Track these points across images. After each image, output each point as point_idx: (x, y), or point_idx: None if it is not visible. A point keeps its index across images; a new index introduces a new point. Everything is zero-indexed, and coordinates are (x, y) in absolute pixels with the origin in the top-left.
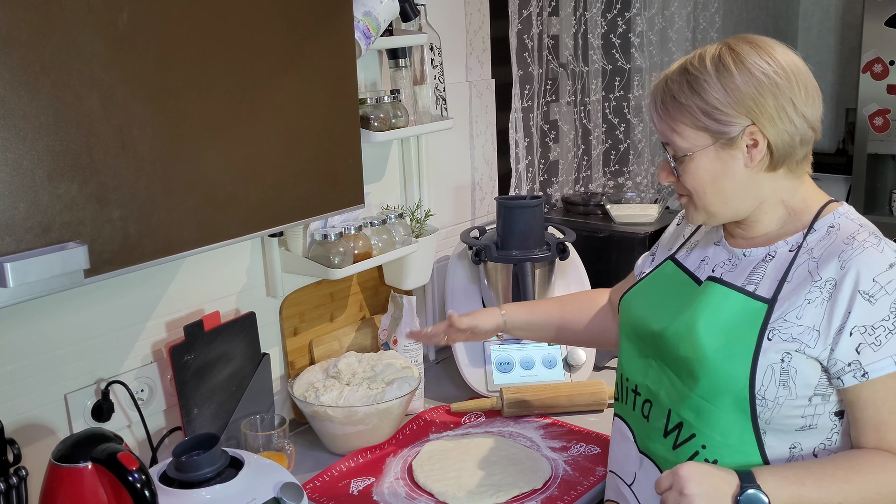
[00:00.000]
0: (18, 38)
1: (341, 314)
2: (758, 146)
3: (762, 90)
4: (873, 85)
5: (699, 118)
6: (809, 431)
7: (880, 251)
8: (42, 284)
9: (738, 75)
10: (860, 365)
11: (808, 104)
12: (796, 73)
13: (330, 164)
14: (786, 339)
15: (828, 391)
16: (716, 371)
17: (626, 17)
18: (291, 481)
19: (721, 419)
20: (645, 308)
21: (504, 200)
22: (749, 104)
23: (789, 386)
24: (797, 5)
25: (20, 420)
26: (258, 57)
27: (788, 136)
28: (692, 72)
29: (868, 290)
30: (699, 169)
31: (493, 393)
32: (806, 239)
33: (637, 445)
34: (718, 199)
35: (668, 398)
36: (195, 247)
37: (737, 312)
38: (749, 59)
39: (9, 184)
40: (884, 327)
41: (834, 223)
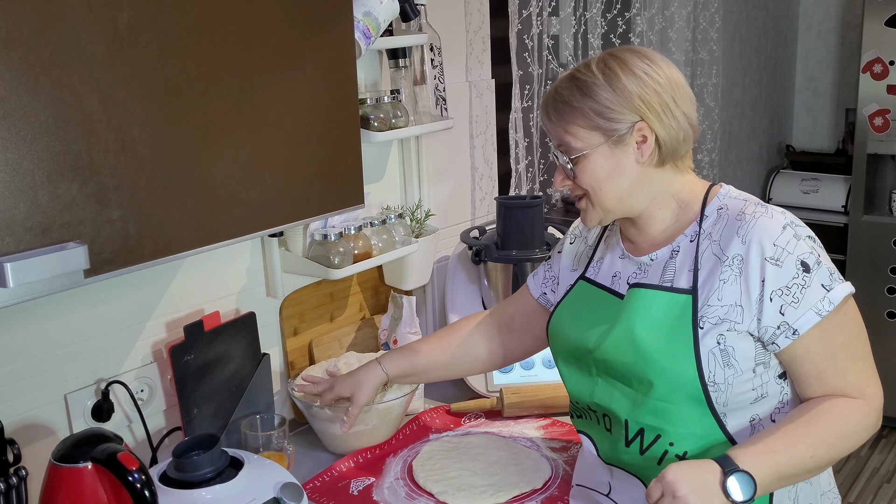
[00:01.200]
0: (18, 38)
1: (341, 314)
2: (647, 142)
3: (646, 88)
4: (873, 85)
5: (591, 118)
6: (763, 400)
7: (770, 217)
8: (42, 284)
9: (624, 76)
10: (788, 325)
11: (685, 102)
12: (672, 73)
13: (330, 164)
14: (715, 322)
15: (766, 358)
16: (665, 370)
17: (626, 18)
18: (291, 481)
19: (681, 414)
20: (575, 329)
21: (504, 200)
22: (636, 102)
23: (732, 364)
24: (797, 5)
25: (20, 420)
26: (258, 57)
27: (674, 130)
28: (581, 77)
29: (773, 256)
30: (595, 167)
31: (493, 393)
32: (701, 226)
33: (601, 458)
34: (614, 196)
35: (621, 409)
36: (195, 247)
37: (666, 309)
38: (631, 63)
39: (9, 184)
40: (796, 284)
41: (721, 204)
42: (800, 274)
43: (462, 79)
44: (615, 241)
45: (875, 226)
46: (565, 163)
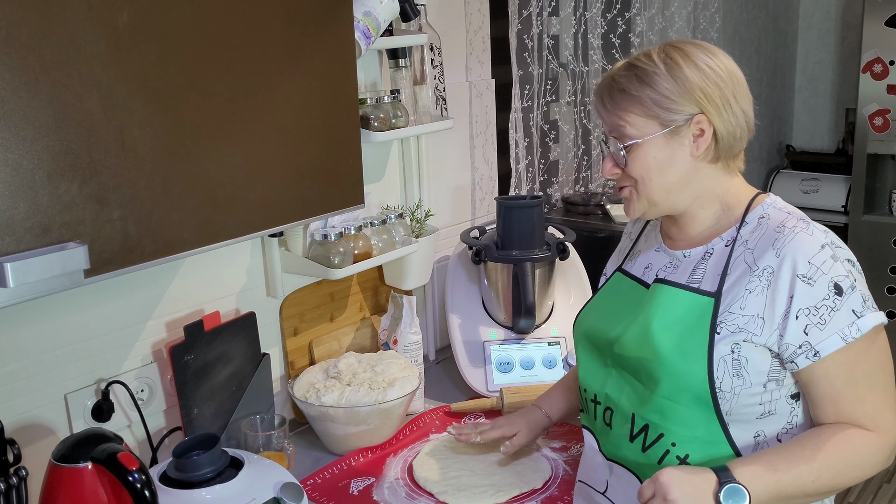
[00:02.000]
0: (18, 39)
1: (341, 314)
2: (703, 135)
3: (707, 81)
4: (873, 85)
5: (649, 107)
6: (770, 418)
7: (810, 234)
8: (42, 284)
9: (686, 67)
10: (810, 346)
11: (745, 100)
12: (733, 70)
13: (330, 164)
14: (733, 330)
15: (780, 376)
16: (675, 370)
17: (626, 17)
18: (291, 481)
19: (685, 415)
20: (599, 318)
21: (504, 200)
22: (697, 94)
23: (742, 375)
24: (797, 5)
25: (20, 420)
26: (258, 57)
27: (732, 126)
28: (641, 66)
29: (805, 273)
30: (647, 156)
31: (493, 393)
32: (739, 232)
33: (603, 454)
34: (662, 188)
35: (629, 403)
36: (195, 247)
37: (686, 310)
38: (694, 54)
39: (9, 184)
40: (826, 306)
41: (763, 213)
42: (831, 296)
43: (462, 79)
44: (654, 236)
45: (875, 226)
46: (619, 149)
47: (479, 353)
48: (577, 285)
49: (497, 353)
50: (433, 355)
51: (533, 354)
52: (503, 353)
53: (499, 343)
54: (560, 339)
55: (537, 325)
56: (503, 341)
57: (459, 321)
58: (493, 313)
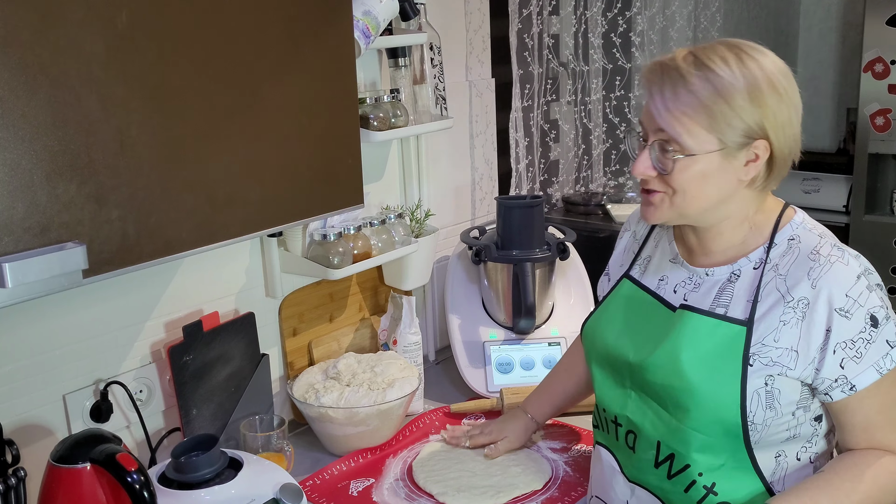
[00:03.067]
0: (18, 38)
1: (341, 314)
2: (758, 161)
3: (780, 109)
4: (874, 84)
5: (717, 121)
6: (793, 440)
7: (846, 264)
8: (41, 285)
9: (766, 88)
10: (846, 379)
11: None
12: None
13: (329, 164)
14: (766, 363)
15: (808, 403)
16: (706, 401)
17: (627, 16)
18: (291, 482)
19: (713, 445)
20: (614, 335)
21: (504, 200)
22: (771, 120)
23: (775, 407)
24: (798, 4)
25: (19, 421)
26: (257, 56)
27: (788, 152)
28: (719, 73)
29: (843, 307)
30: (696, 170)
31: (493, 393)
32: (769, 255)
33: (625, 475)
34: (700, 205)
35: (653, 430)
36: (194, 247)
37: (717, 339)
38: (775, 78)
39: (7, 184)
40: (862, 339)
41: (793, 235)
42: (867, 328)
43: (462, 78)
44: (666, 244)
45: (876, 226)
46: (665, 156)
47: (479, 354)
48: (578, 285)
49: (497, 354)
50: (433, 356)
51: (533, 355)
52: (503, 354)
53: (499, 343)
54: (560, 339)
55: (537, 325)
56: (503, 342)
57: (459, 321)
58: (493, 313)
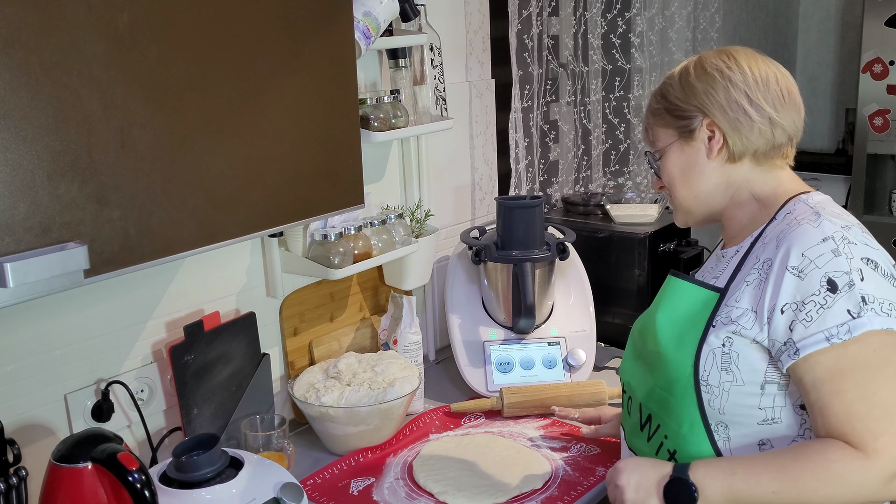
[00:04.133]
0: (18, 39)
1: (341, 314)
2: (715, 137)
3: (714, 84)
4: (873, 85)
5: (665, 117)
6: (775, 426)
7: (816, 226)
8: (42, 285)
9: (694, 73)
10: (793, 343)
11: (767, 99)
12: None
13: (330, 164)
14: (725, 322)
15: (782, 380)
16: (669, 360)
17: (626, 17)
18: (291, 481)
19: (676, 408)
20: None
21: (504, 200)
22: (702, 98)
23: (732, 371)
24: (797, 5)
25: (20, 420)
26: (258, 57)
27: (744, 126)
28: (665, 81)
29: (797, 266)
30: (670, 164)
31: (493, 393)
32: (766, 229)
33: (626, 442)
34: (689, 193)
35: (640, 392)
36: (195, 247)
37: (690, 303)
38: (708, 62)
39: (9, 184)
40: (814, 302)
41: (791, 209)
42: (822, 292)
43: (462, 79)
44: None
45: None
46: (653, 163)
47: (479, 354)
48: (577, 285)
49: (497, 354)
50: (433, 355)
51: (533, 354)
52: (503, 354)
53: (499, 343)
54: (560, 339)
55: (537, 325)
56: (503, 341)
57: (459, 321)
58: (493, 313)
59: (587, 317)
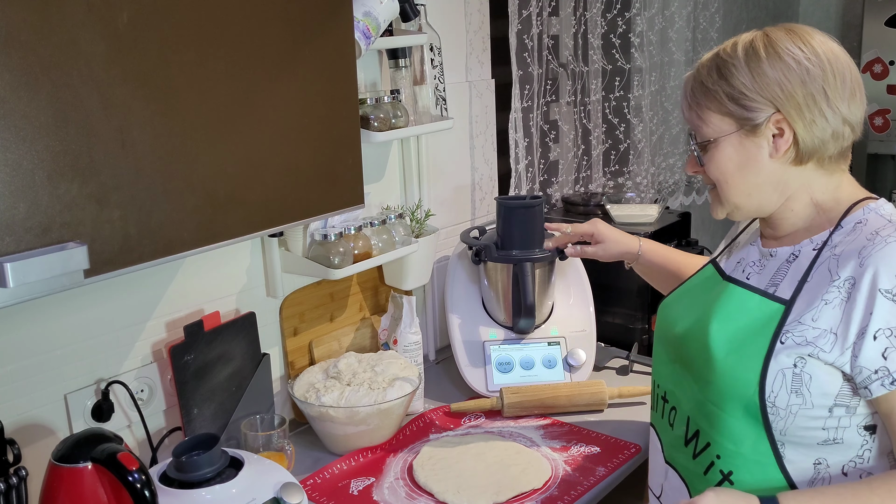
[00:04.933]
0: (18, 39)
1: (341, 314)
2: (783, 136)
3: (790, 76)
4: (873, 85)
5: (725, 103)
6: (835, 446)
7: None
8: (42, 284)
9: (767, 60)
10: (888, 371)
11: (843, 97)
12: (833, 61)
13: (330, 164)
14: (800, 342)
15: (852, 402)
16: (725, 374)
17: (626, 17)
18: (291, 481)
19: (732, 427)
20: (676, 310)
21: (504, 200)
22: (775, 90)
23: (803, 394)
24: (797, 5)
25: (20, 420)
26: (258, 57)
27: (818, 128)
28: (723, 57)
29: (890, 289)
30: (723, 157)
31: (493, 393)
32: (832, 237)
33: (664, 455)
34: (742, 191)
35: (687, 404)
36: (195, 247)
37: (752, 314)
38: (780, 45)
39: (9, 184)
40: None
41: (862, 219)
42: None
43: (462, 79)
44: (756, 230)
45: None
46: (694, 149)
47: (479, 353)
48: (577, 285)
49: (497, 353)
50: (433, 355)
51: (533, 354)
52: (503, 353)
53: (499, 343)
54: (560, 338)
55: (537, 325)
56: (503, 341)
57: (459, 321)
58: (493, 313)
59: (587, 317)
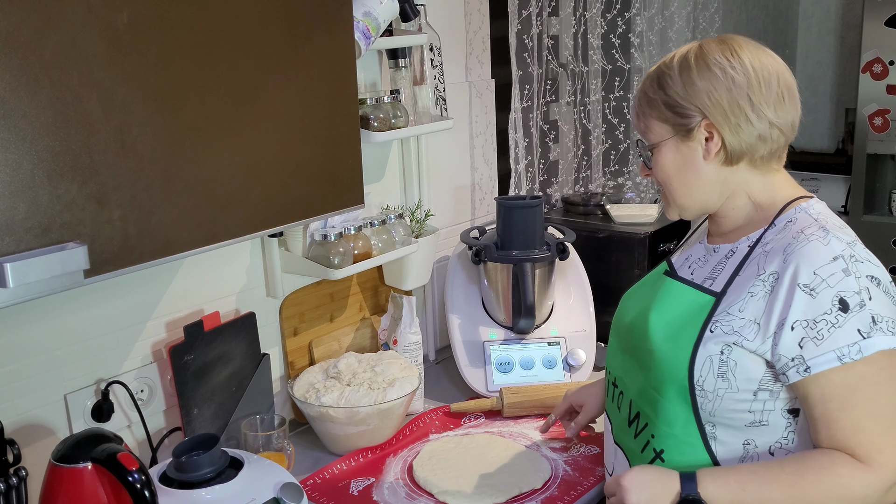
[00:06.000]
0: (18, 39)
1: (341, 314)
2: (713, 139)
3: (716, 84)
4: (873, 85)
5: (662, 111)
6: (761, 428)
7: (825, 244)
8: (42, 285)
9: (696, 70)
10: (803, 360)
11: (769, 103)
12: (759, 69)
13: (330, 164)
14: (727, 331)
15: (775, 387)
16: (661, 360)
17: (626, 18)
18: (291, 481)
19: (668, 410)
20: (628, 303)
21: (504, 200)
22: (703, 98)
23: (728, 378)
24: (797, 5)
25: (20, 420)
26: (258, 57)
27: (744, 132)
28: (662, 68)
29: (808, 284)
30: (665, 160)
31: (493, 393)
32: (765, 234)
33: (613, 437)
34: (684, 192)
35: (633, 389)
36: (195, 247)
37: (686, 305)
38: (710, 56)
39: (9, 184)
40: (826, 321)
41: (793, 218)
42: (833, 311)
43: (462, 79)
44: (705, 229)
45: (875, 226)
46: (641, 153)
47: (479, 353)
48: (577, 285)
49: (497, 354)
50: (433, 355)
51: (533, 354)
52: (503, 354)
53: (498, 343)
54: (560, 339)
55: (537, 325)
56: (503, 341)
57: (459, 321)
58: (493, 313)
59: (587, 317)
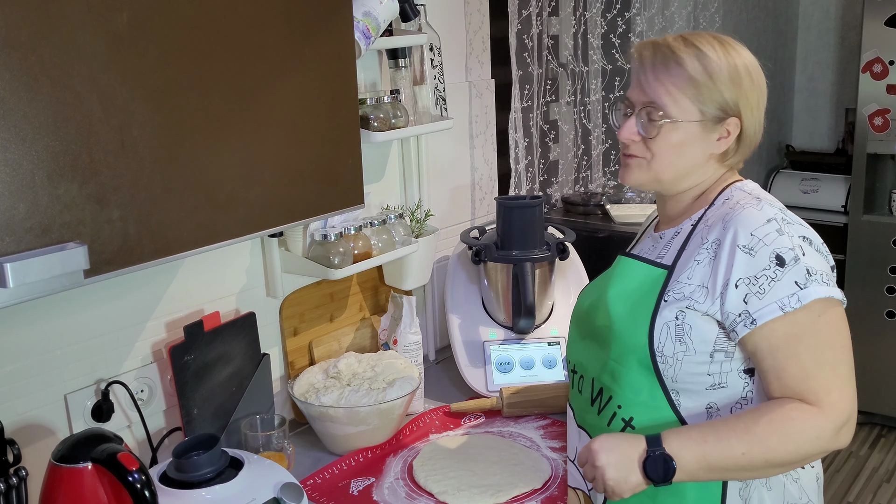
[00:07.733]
0: (18, 39)
1: (341, 314)
2: (729, 136)
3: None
4: (873, 85)
5: (701, 93)
6: (721, 390)
7: (759, 210)
8: (42, 285)
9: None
10: (748, 314)
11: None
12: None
13: (330, 164)
14: (679, 298)
15: (729, 348)
16: (622, 334)
17: (626, 17)
18: (291, 481)
19: (631, 378)
20: (585, 293)
21: (504, 200)
22: (745, 100)
23: (685, 342)
24: (797, 5)
25: (20, 420)
26: (258, 57)
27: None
28: (704, 51)
29: (747, 244)
30: (676, 136)
31: (493, 393)
32: (706, 213)
33: (576, 421)
34: (671, 167)
35: (593, 368)
36: (195, 247)
37: (641, 279)
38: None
39: (8, 184)
40: (766, 276)
41: (729, 196)
42: (771, 266)
43: (462, 79)
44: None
45: (875, 225)
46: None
47: (479, 353)
48: (577, 285)
49: (497, 353)
50: (433, 355)
51: (533, 354)
52: (503, 353)
53: (498, 343)
54: (560, 338)
55: (537, 325)
56: (503, 341)
57: (459, 321)
58: (493, 313)
59: None
